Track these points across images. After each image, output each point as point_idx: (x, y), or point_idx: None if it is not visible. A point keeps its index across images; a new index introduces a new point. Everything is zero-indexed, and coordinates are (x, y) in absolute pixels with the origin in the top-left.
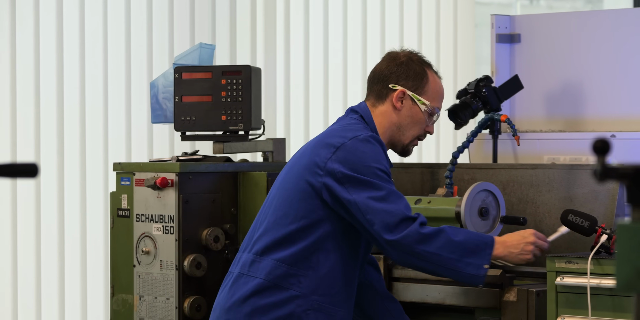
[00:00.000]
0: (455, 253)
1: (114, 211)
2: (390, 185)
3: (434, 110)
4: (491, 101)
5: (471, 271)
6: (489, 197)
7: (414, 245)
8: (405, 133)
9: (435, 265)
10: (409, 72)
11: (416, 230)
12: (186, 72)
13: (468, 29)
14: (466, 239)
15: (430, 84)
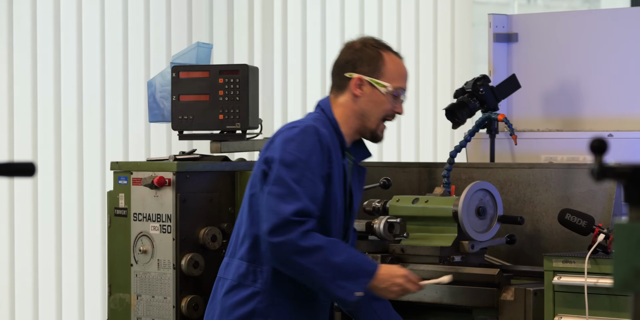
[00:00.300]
0: (330, 273)
1: (111, 210)
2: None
3: (397, 90)
4: (488, 100)
5: (341, 295)
6: (487, 197)
7: (289, 255)
8: (371, 118)
9: (308, 280)
10: (364, 57)
11: (294, 241)
12: (183, 71)
13: (465, 28)
14: (346, 261)
15: (387, 65)
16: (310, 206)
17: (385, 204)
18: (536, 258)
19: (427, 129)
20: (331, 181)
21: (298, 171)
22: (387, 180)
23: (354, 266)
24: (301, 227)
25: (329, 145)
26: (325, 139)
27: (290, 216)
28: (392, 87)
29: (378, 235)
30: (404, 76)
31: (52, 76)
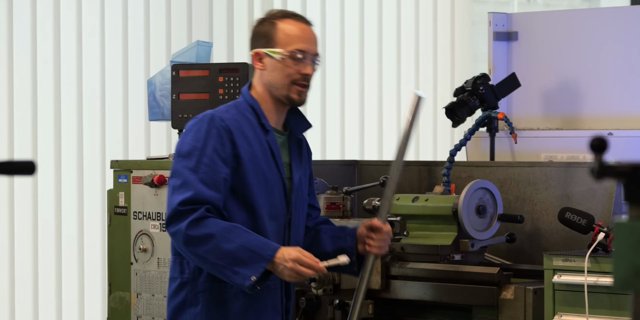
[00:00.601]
0: (223, 260)
1: (111, 209)
2: (200, 165)
3: (293, 53)
4: (488, 99)
5: (237, 281)
6: (487, 195)
7: (181, 245)
8: (278, 86)
9: (205, 267)
10: (259, 33)
11: (183, 231)
12: (183, 70)
13: (465, 26)
14: (239, 248)
15: (279, 32)
16: (204, 192)
17: None
18: (536, 257)
19: (427, 128)
20: (240, 161)
21: (194, 159)
22: (387, 178)
23: (248, 252)
24: (190, 216)
25: (229, 129)
26: (224, 123)
27: (179, 206)
28: (286, 51)
29: None
30: (302, 38)
31: (52, 74)
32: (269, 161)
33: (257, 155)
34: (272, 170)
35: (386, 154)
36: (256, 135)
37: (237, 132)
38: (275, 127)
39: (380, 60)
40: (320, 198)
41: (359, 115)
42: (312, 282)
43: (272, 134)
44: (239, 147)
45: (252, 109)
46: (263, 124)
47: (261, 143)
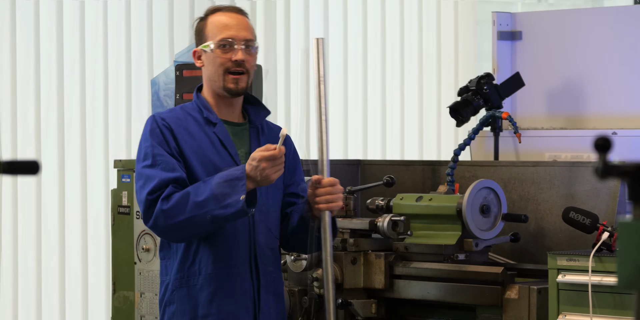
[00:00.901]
0: (208, 206)
1: (114, 208)
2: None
3: (220, 42)
4: (492, 98)
5: (232, 211)
6: (491, 195)
7: (166, 222)
8: (214, 78)
9: (199, 226)
10: (195, 32)
11: (160, 210)
12: (187, 70)
13: (469, 26)
14: (213, 189)
15: (208, 27)
16: (166, 176)
17: (389, 202)
18: (540, 256)
19: (430, 127)
20: (185, 155)
21: (150, 157)
22: (390, 178)
23: (223, 185)
24: (159, 198)
25: (169, 126)
26: (164, 121)
27: (148, 196)
28: (214, 42)
29: (382, 233)
30: (227, 26)
31: (55, 75)
32: (219, 152)
33: (203, 148)
34: (225, 159)
35: (390, 153)
36: (202, 129)
37: (178, 129)
38: (226, 120)
39: (384, 59)
40: None
41: (362, 115)
42: (314, 282)
43: (221, 126)
44: (182, 142)
45: (198, 107)
46: (208, 118)
47: (208, 136)
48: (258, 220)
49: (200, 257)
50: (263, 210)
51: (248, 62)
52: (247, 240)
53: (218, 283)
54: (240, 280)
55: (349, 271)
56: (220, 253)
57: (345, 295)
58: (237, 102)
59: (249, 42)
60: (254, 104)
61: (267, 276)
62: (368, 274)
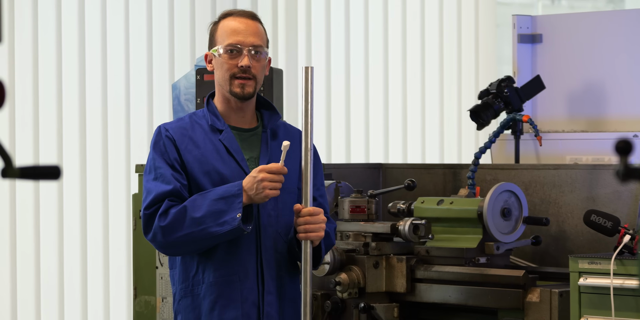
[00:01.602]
0: (205, 223)
1: (136, 213)
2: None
3: (227, 47)
4: (513, 101)
5: (228, 229)
6: (512, 198)
7: (165, 239)
8: (222, 83)
9: (197, 243)
10: (209, 37)
11: (158, 226)
12: (208, 74)
13: (490, 29)
14: (210, 205)
15: (219, 30)
16: (162, 189)
17: (410, 206)
18: (562, 259)
19: (451, 130)
20: (186, 165)
21: (153, 170)
22: (411, 181)
23: (220, 202)
24: (156, 214)
25: (172, 137)
26: (168, 132)
27: (145, 212)
28: (222, 47)
29: (403, 236)
30: (235, 31)
31: (76, 79)
32: (224, 159)
33: (207, 156)
34: (230, 166)
35: (411, 156)
36: (207, 137)
37: (182, 139)
38: (236, 126)
39: (405, 63)
40: (345, 201)
41: (383, 119)
42: (337, 286)
43: (228, 133)
44: (185, 153)
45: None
46: (214, 126)
47: (214, 144)
48: (266, 224)
49: (203, 267)
50: (272, 215)
51: (254, 68)
52: (252, 245)
53: (219, 291)
54: (242, 286)
55: (371, 275)
56: (222, 261)
57: (368, 299)
58: (248, 107)
59: (257, 48)
60: (268, 108)
61: (275, 281)
62: (390, 277)
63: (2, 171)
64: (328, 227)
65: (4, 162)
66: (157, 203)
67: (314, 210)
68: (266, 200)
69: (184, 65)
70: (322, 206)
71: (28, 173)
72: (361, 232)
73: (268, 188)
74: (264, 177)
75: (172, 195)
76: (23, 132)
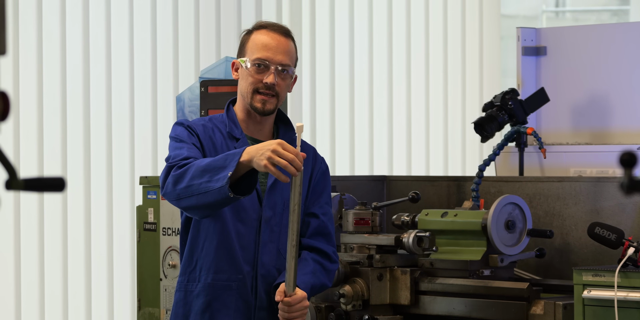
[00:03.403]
0: (205, 177)
1: (140, 225)
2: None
3: (255, 61)
4: (517, 114)
5: (217, 185)
6: (516, 210)
7: (173, 189)
8: (245, 95)
9: (195, 197)
10: (239, 44)
11: (171, 176)
12: (212, 86)
13: (494, 41)
14: (211, 161)
15: (250, 42)
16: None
17: (414, 218)
18: (566, 272)
19: (455, 143)
20: None
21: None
22: (415, 194)
23: (222, 157)
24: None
25: (196, 131)
26: (193, 125)
27: (168, 164)
28: (250, 60)
29: (407, 249)
30: (266, 47)
31: (81, 91)
32: None
33: None
34: None
35: (415, 169)
36: (225, 142)
37: (204, 136)
38: (252, 136)
39: (409, 75)
40: (349, 213)
41: (388, 131)
42: (341, 298)
43: (244, 142)
44: (205, 148)
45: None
46: (231, 133)
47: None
48: (267, 240)
49: (201, 265)
50: (275, 231)
51: (279, 86)
52: (251, 259)
53: (214, 294)
54: (238, 296)
55: (375, 287)
56: (221, 265)
57: (372, 311)
58: (267, 121)
59: (285, 67)
60: (285, 123)
61: (270, 297)
62: (394, 290)
63: (6, 183)
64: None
65: (8, 174)
66: (175, 159)
67: (295, 300)
68: (262, 169)
69: (189, 77)
70: (323, 224)
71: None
72: (365, 244)
73: (270, 160)
74: (276, 148)
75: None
76: (27, 144)
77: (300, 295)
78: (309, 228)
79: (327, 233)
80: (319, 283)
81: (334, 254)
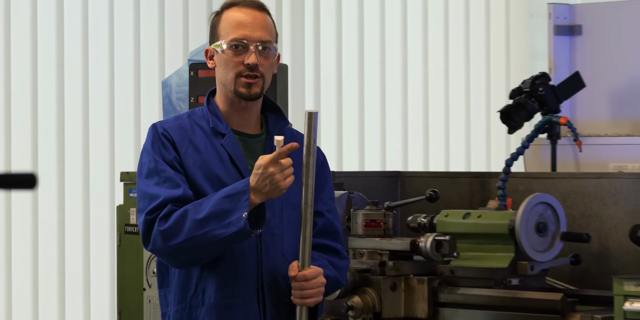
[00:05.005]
0: (209, 225)
1: (121, 227)
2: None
3: (231, 42)
4: (549, 101)
5: (233, 230)
6: (547, 211)
7: (165, 244)
8: (226, 82)
9: (200, 249)
10: (210, 29)
11: (157, 231)
12: (203, 69)
13: (522, 19)
14: (214, 205)
15: (221, 24)
16: (171, 195)
17: (432, 220)
18: (604, 281)
19: (479, 134)
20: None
21: (154, 174)
22: (434, 192)
23: (224, 201)
24: (157, 219)
25: (171, 139)
26: (166, 132)
27: (147, 217)
28: (225, 42)
29: (424, 255)
30: (242, 24)
31: (54, 75)
32: (226, 166)
33: (208, 162)
34: (232, 174)
35: (433, 164)
36: (209, 141)
37: (182, 141)
38: (239, 130)
39: (425, 57)
40: (358, 214)
41: (402, 121)
42: (349, 311)
43: (230, 137)
44: (185, 157)
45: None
46: (215, 128)
47: (216, 149)
48: (269, 244)
49: (203, 286)
50: (276, 233)
51: (262, 66)
52: (254, 267)
53: (220, 315)
54: (245, 311)
55: (388, 298)
56: (224, 281)
57: None
58: (252, 109)
59: (266, 44)
60: (274, 112)
61: (280, 308)
62: (409, 301)
63: None
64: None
65: None
66: (156, 210)
67: (311, 273)
68: (284, 192)
69: (176, 60)
70: (329, 222)
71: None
72: (377, 249)
73: (282, 180)
74: (272, 171)
75: (181, 201)
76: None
77: (316, 270)
78: (315, 228)
79: (334, 231)
80: (333, 276)
81: (343, 250)
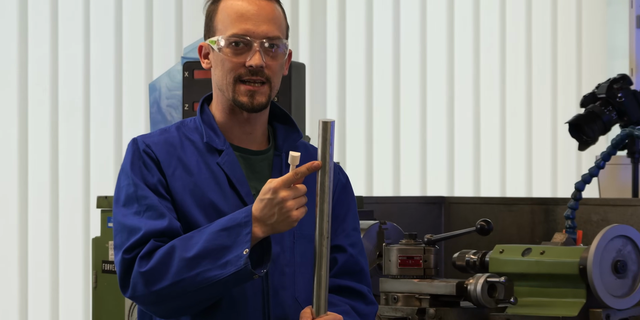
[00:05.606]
0: (200, 265)
1: (97, 264)
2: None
3: (230, 39)
4: (630, 110)
5: (232, 270)
6: (627, 246)
7: (148, 289)
8: (224, 88)
9: (190, 295)
10: (205, 20)
11: (137, 273)
12: (200, 70)
13: (597, 9)
14: (207, 240)
15: (219, 13)
16: (156, 227)
17: (483, 257)
18: None
19: (542, 152)
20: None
21: (135, 202)
22: (485, 223)
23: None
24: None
25: (156, 158)
26: (149, 149)
27: (124, 256)
28: (223, 37)
29: (474, 300)
30: (243, 17)
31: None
32: (224, 191)
33: (201, 186)
34: (230, 201)
35: (485, 188)
36: (203, 159)
37: (167, 161)
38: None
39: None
40: (392, 250)
41: (447, 134)
42: None
43: (229, 155)
44: (171, 179)
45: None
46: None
47: (210, 169)
48: (278, 287)
49: None
50: (287, 273)
51: (269, 69)
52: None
53: None
54: None
55: None
56: None
57: None
58: (257, 120)
59: (273, 40)
60: (284, 123)
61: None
62: None
63: None
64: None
65: None
66: (144, 244)
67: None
68: (294, 225)
69: (167, 58)
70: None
71: None
72: (415, 293)
73: (294, 209)
74: (284, 196)
75: (166, 235)
76: None
77: (335, 317)
78: (335, 265)
79: (358, 270)
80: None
81: (369, 293)
